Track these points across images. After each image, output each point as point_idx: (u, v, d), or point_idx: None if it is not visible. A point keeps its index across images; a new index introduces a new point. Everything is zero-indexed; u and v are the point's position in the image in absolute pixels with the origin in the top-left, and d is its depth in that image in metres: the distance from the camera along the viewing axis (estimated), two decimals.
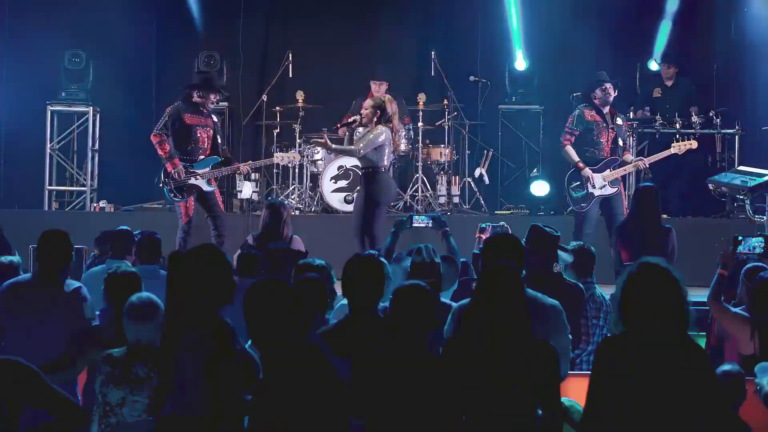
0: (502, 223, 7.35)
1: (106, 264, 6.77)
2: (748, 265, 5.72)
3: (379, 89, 11.78)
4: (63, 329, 5.14)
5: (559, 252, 5.61)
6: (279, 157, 10.06)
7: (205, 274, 4.04)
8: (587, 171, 9.11)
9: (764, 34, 12.03)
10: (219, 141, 8.98)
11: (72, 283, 5.53)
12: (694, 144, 9.58)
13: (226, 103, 12.00)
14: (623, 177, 9.63)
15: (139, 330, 4.50)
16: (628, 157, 9.31)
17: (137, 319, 4.51)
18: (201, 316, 3.96)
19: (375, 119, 8.58)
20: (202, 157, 8.89)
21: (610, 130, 9.18)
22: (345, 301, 4.92)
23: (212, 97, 8.97)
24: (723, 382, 4.34)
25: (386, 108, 8.60)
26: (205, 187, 8.85)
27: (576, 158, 9.20)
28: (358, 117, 8.76)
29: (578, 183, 9.19)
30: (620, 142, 9.20)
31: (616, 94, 9.30)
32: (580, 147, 9.25)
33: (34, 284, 5.46)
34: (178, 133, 8.86)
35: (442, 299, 5.34)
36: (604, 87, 9.19)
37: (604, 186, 9.10)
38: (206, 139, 8.92)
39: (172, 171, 8.78)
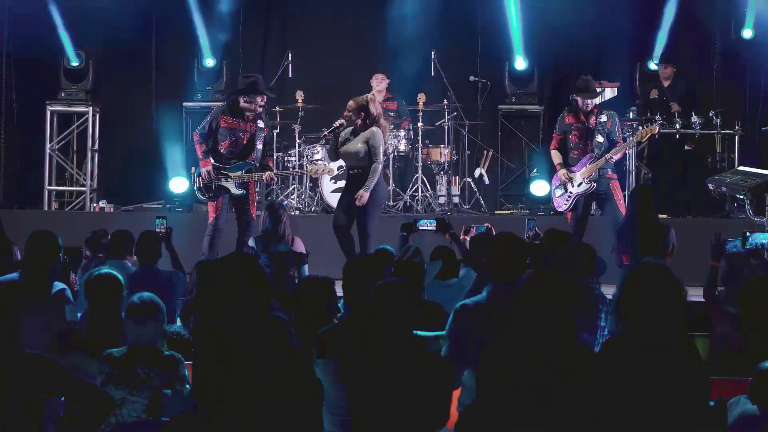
0: (486, 224, 7.41)
1: (107, 265, 6.78)
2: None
3: (381, 84, 11.79)
4: (45, 330, 5.13)
5: None
6: (312, 171, 10.03)
7: (237, 282, 4.05)
8: (561, 171, 9.24)
9: (764, 34, 12.05)
10: (259, 147, 8.94)
11: (57, 285, 5.52)
12: (656, 129, 9.54)
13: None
14: (619, 177, 9.61)
15: (139, 330, 4.50)
16: (611, 151, 9.26)
17: (138, 319, 4.51)
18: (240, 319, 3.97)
19: (360, 120, 8.55)
20: (235, 160, 8.90)
21: (585, 130, 9.25)
22: None
23: (259, 100, 8.89)
24: (764, 378, 4.30)
25: (369, 107, 8.58)
26: (234, 190, 8.89)
27: (556, 161, 9.36)
28: (343, 120, 8.68)
29: (559, 184, 9.34)
30: (599, 139, 9.18)
31: (594, 99, 9.33)
32: (565, 149, 9.38)
33: (20, 284, 5.44)
34: (213, 135, 8.93)
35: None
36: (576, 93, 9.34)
37: (581, 183, 9.19)
38: (240, 143, 8.90)
39: (203, 170, 8.90)
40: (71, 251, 7.17)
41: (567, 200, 9.27)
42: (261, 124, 8.97)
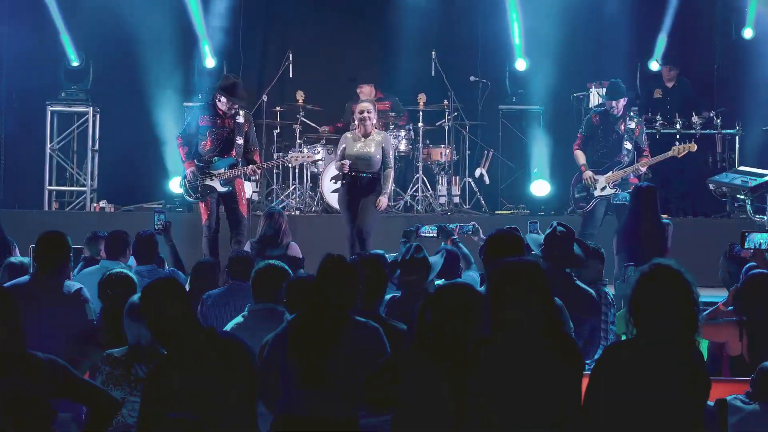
0: (473, 223, 7.48)
1: (99, 265, 6.78)
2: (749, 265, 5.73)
3: (364, 92, 11.74)
4: (64, 331, 5.12)
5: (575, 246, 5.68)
6: (294, 158, 10.04)
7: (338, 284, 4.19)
8: (587, 173, 9.33)
9: (764, 34, 12.05)
10: (239, 142, 8.94)
11: (72, 285, 5.53)
12: (694, 147, 9.61)
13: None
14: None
15: (139, 330, 4.49)
16: (642, 161, 9.39)
17: (138, 319, 4.50)
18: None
19: (373, 121, 8.69)
20: (217, 157, 8.91)
21: (614, 135, 9.32)
22: None
23: (229, 103, 8.89)
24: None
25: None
26: (219, 188, 8.91)
27: (581, 161, 9.45)
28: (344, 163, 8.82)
29: (581, 184, 9.40)
30: (628, 145, 9.31)
31: (623, 105, 9.37)
32: (590, 151, 9.45)
33: (34, 286, 5.43)
34: (194, 135, 8.97)
35: None
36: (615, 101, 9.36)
37: (604, 187, 9.26)
38: (220, 140, 8.92)
39: (187, 172, 8.95)
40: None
41: (587, 202, 9.36)
42: (240, 119, 8.97)
